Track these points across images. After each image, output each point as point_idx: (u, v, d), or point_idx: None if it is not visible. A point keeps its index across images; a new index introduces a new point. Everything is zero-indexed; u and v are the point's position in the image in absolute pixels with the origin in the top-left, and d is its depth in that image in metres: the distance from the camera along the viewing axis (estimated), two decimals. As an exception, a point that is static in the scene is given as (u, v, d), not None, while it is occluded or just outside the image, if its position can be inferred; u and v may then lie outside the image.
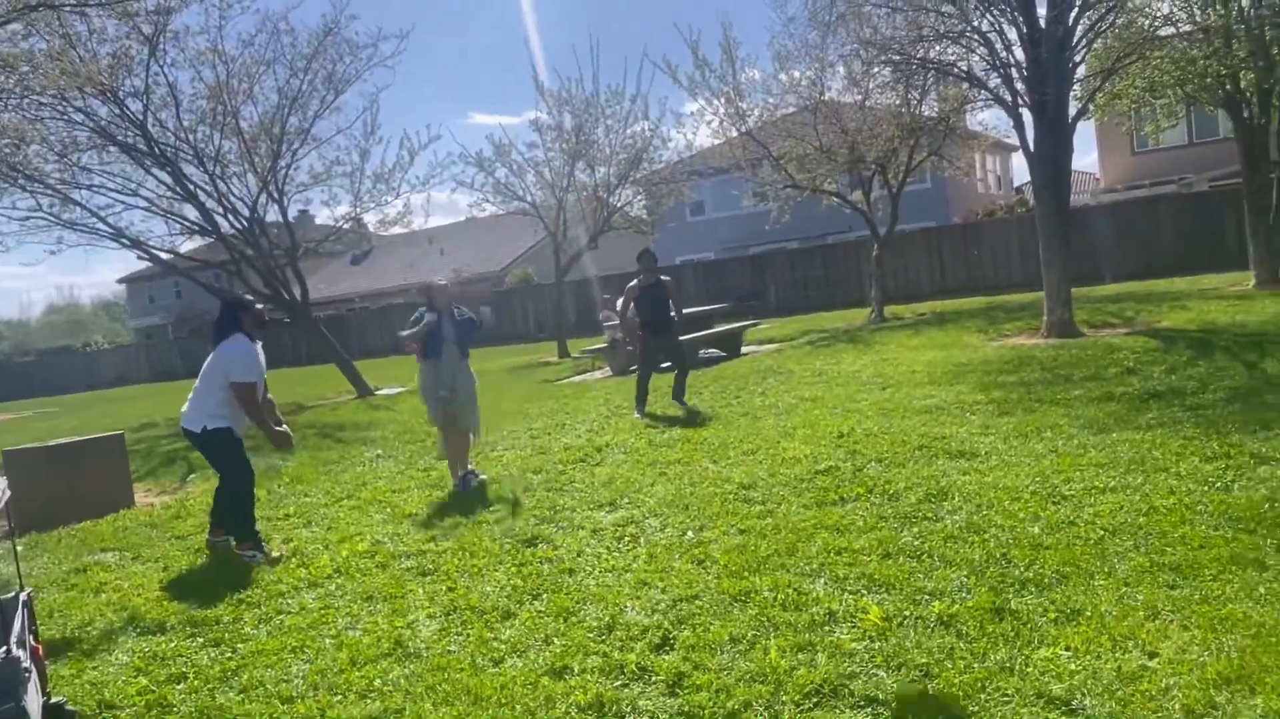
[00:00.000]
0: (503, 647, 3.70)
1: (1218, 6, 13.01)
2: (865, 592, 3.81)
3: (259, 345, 5.66)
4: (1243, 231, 15.09)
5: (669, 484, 6.07)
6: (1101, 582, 3.58)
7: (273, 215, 15.93)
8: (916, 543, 4.30)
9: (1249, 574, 3.47)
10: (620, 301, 9.34)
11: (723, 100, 17.35)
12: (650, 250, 9.36)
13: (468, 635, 3.87)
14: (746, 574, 4.18)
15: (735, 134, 17.96)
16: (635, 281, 9.17)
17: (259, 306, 5.76)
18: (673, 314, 9.15)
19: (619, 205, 20.64)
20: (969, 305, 17.96)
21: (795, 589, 3.93)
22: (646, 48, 68.84)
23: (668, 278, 9.29)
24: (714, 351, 14.82)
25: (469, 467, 7.08)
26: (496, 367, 18.72)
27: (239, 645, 4.07)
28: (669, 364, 9.97)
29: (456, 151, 40.99)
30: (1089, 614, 3.31)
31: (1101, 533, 4.11)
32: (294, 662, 3.82)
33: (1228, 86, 13.52)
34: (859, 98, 16.14)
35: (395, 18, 42.33)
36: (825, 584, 3.95)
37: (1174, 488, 4.59)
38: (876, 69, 14.28)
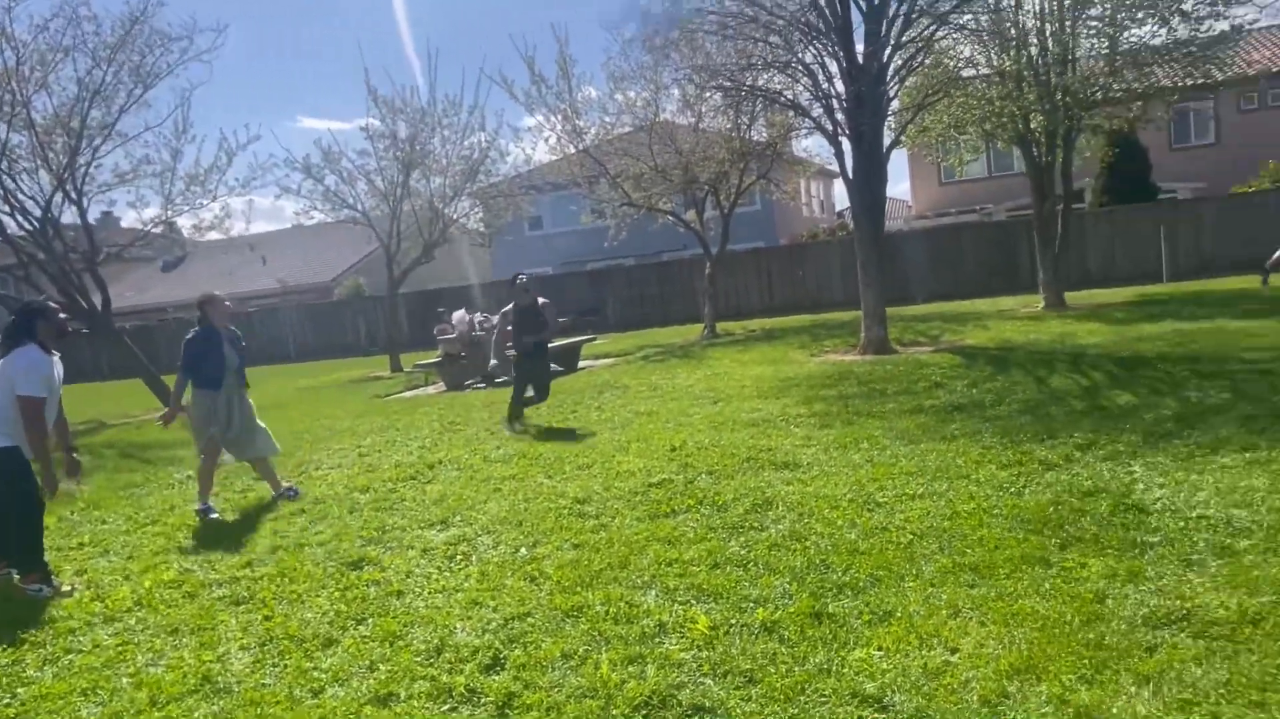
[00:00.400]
0: (323, 676, 3.51)
1: (1011, 53, 14.36)
2: (694, 601, 3.89)
3: (56, 358, 5.13)
4: (1035, 258, 16.66)
5: (503, 500, 5.98)
6: (911, 583, 3.82)
7: (70, 216, 14.56)
8: (743, 552, 4.44)
9: (1036, 572, 3.79)
10: (497, 321, 9.15)
11: (559, 117, 17.44)
12: (523, 274, 9.24)
13: (285, 666, 3.64)
14: (579, 589, 4.18)
15: (573, 151, 18.08)
16: (514, 304, 9.08)
17: (60, 315, 5.23)
18: (546, 337, 9.08)
19: (455, 217, 20.28)
20: (795, 323, 18.84)
21: (627, 602, 3.95)
22: (484, 61, 68.17)
23: (545, 300, 9.25)
24: (552, 367, 14.75)
25: (284, 484, 6.82)
26: (325, 382, 17.87)
27: (19, 690, 3.65)
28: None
29: (281, 155, 38.82)
30: (899, 615, 3.51)
31: (911, 537, 4.39)
32: (84, 705, 3.47)
33: (1020, 126, 14.93)
34: (692, 120, 16.65)
35: (211, 10, 39.91)
36: (656, 596, 4.00)
37: (974, 493, 4.98)
38: (708, 94, 14.79)
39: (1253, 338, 9.41)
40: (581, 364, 14.89)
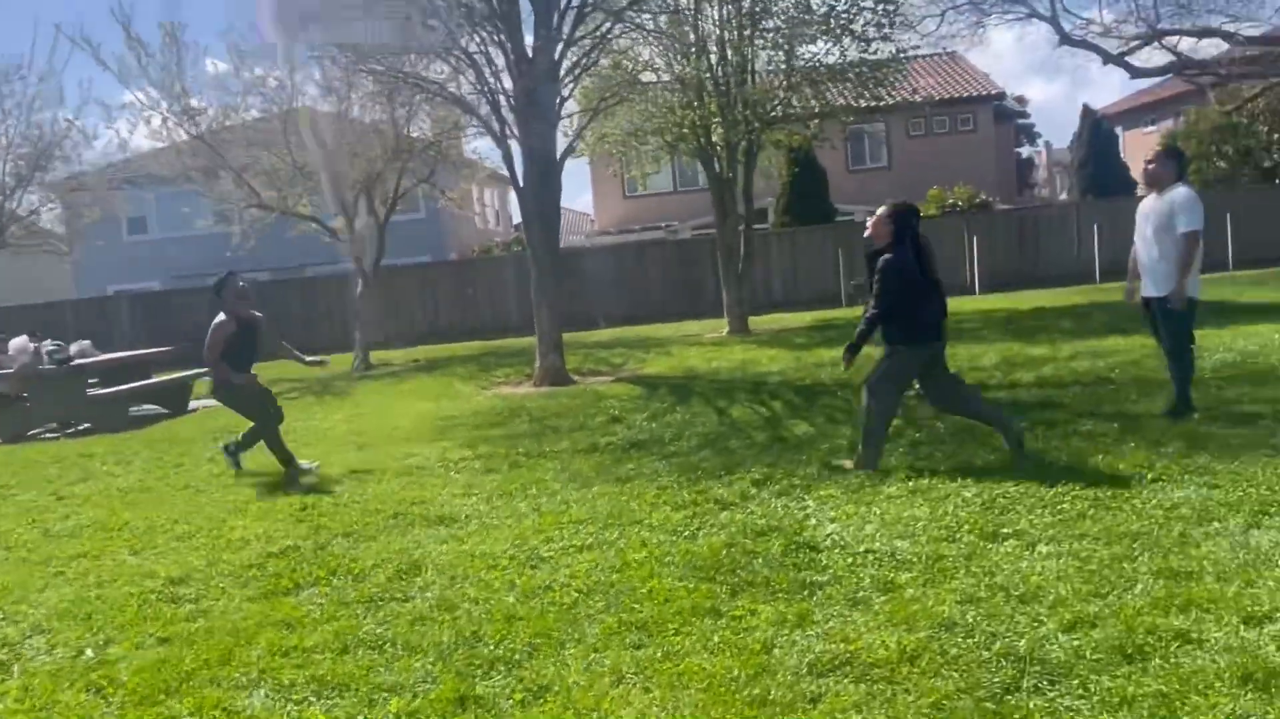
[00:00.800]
0: None
1: (691, 60, 15.54)
2: (314, 699, 3.62)
3: None
4: (719, 280, 18.07)
5: (66, 587, 5.26)
6: (572, 650, 3.83)
7: None
8: (380, 630, 4.22)
9: (706, 624, 3.98)
10: (210, 341, 7.66)
11: (165, 93, 16.01)
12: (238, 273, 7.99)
13: None
14: (162, 697, 3.74)
15: (185, 137, 16.68)
16: (227, 318, 7.71)
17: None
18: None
19: (20, 214, 17.85)
20: (464, 350, 18.81)
21: (225, 708, 3.60)
22: (62, 15, 61.12)
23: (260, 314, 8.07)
24: (151, 408, 13.39)
25: None
26: None
27: None
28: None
29: None
30: (557, 689, 3.50)
31: (576, 595, 4.43)
32: None
33: (701, 139, 16.17)
34: (338, 108, 16.09)
35: None
36: (265, 696, 3.68)
37: (646, 540, 5.16)
38: (356, 77, 14.37)
39: (919, 363, 10.84)
40: (194, 404, 13.64)
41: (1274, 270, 20.08)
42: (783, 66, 15.76)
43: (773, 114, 15.83)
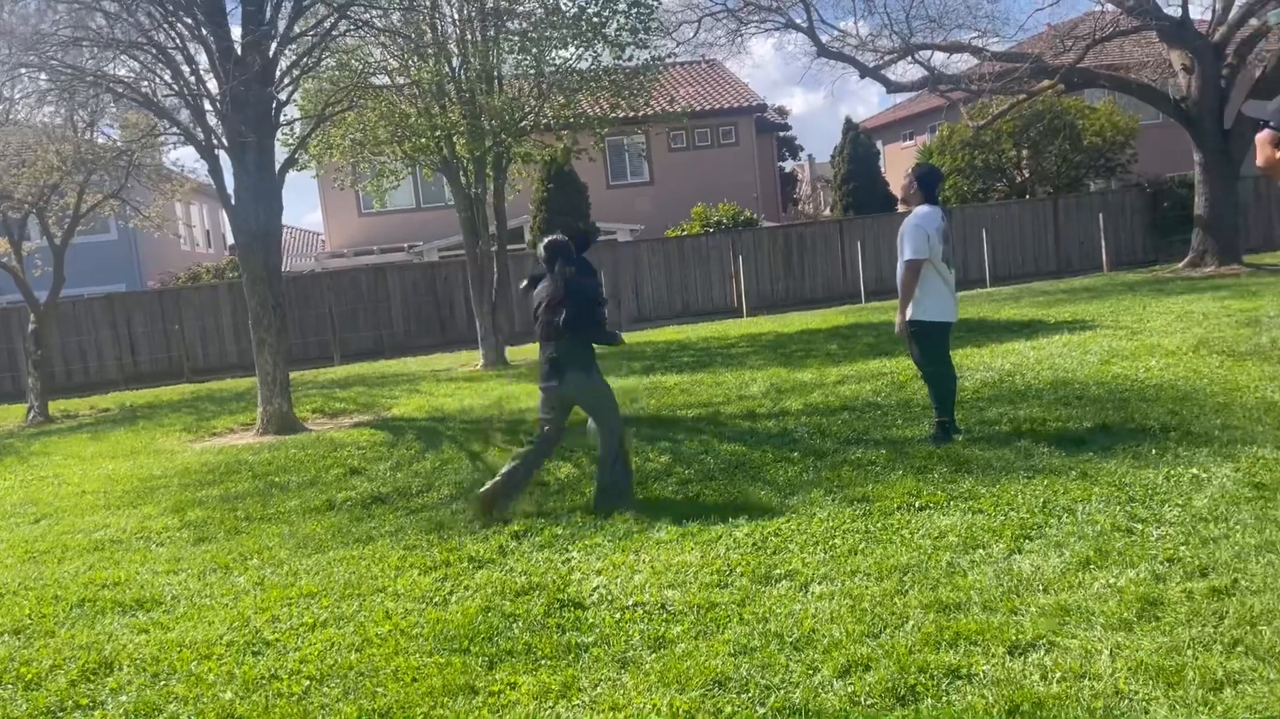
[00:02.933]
0: None
1: (430, 63, 15.41)
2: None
3: None
4: (472, 307, 17.94)
5: None
6: (303, 750, 3.65)
7: None
8: (62, 749, 3.85)
9: (459, 704, 3.90)
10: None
11: None
12: None
13: None
14: None
15: None
16: None
17: None
18: None
19: None
20: (171, 395, 17.70)
21: None
22: None
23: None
24: None
25: None
26: None
27: None
28: None
29: None
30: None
31: (308, 683, 4.23)
32: None
33: (444, 150, 16.04)
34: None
35: None
36: None
37: (390, 611, 5.02)
38: (25, 73, 13.24)
39: (687, 393, 11.21)
40: None
41: (1028, 285, 22.29)
42: (531, 72, 15.95)
43: (522, 124, 15.96)
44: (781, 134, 42.86)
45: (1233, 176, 20.03)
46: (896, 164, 37.25)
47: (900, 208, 6.82)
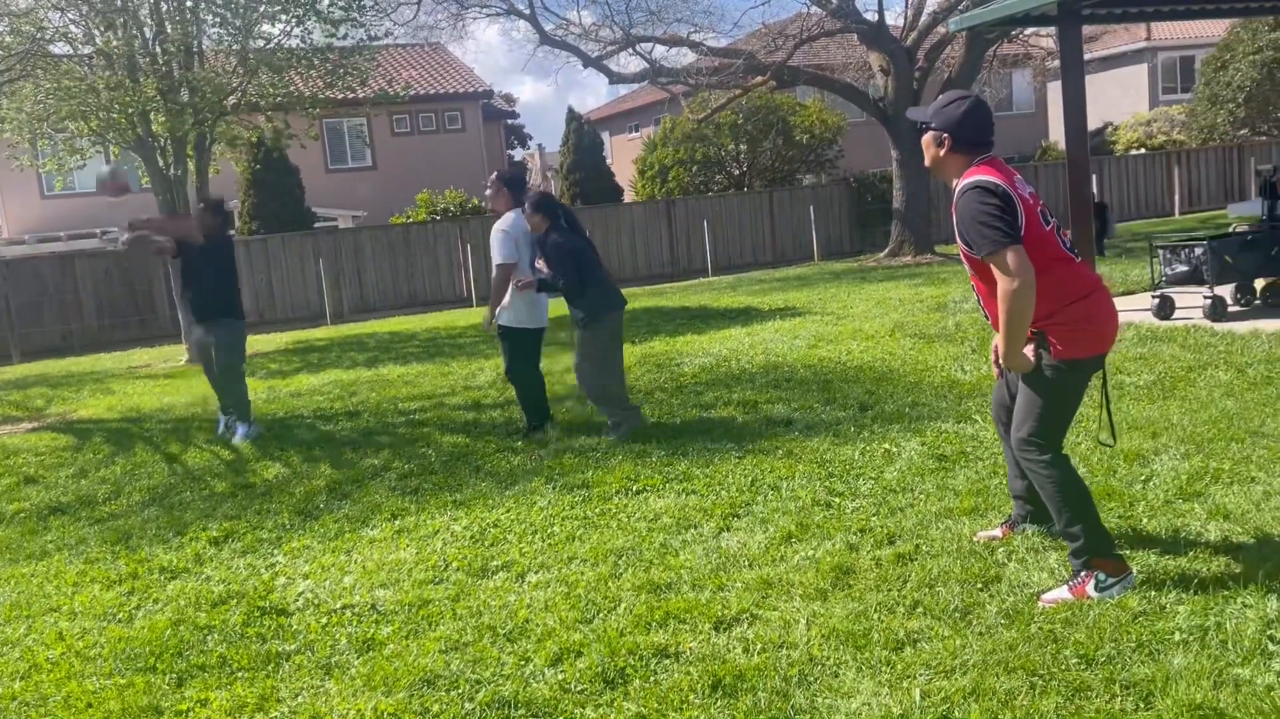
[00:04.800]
0: None
1: (119, 32, 14.26)
2: None
3: None
4: (173, 298, 16.78)
5: None
6: (-49, 795, 3.27)
7: None
8: None
9: (141, 726, 3.62)
10: None
11: None
12: None
13: None
14: None
15: None
16: None
17: None
18: None
19: None
20: None
21: None
22: None
23: None
24: None
25: None
26: None
27: None
28: None
29: None
30: None
31: (-39, 720, 3.80)
32: None
33: (138, 128, 14.90)
34: None
35: None
36: None
37: (64, 632, 4.59)
38: None
39: (411, 385, 10.97)
40: None
41: (747, 275, 23.36)
42: (236, 47, 15.08)
43: (227, 101, 15.08)
44: (510, 122, 42.90)
45: (925, 172, 21.63)
46: (623, 155, 38.10)
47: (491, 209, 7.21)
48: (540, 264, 7.48)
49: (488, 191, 7.94)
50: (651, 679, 3.60)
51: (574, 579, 4.65)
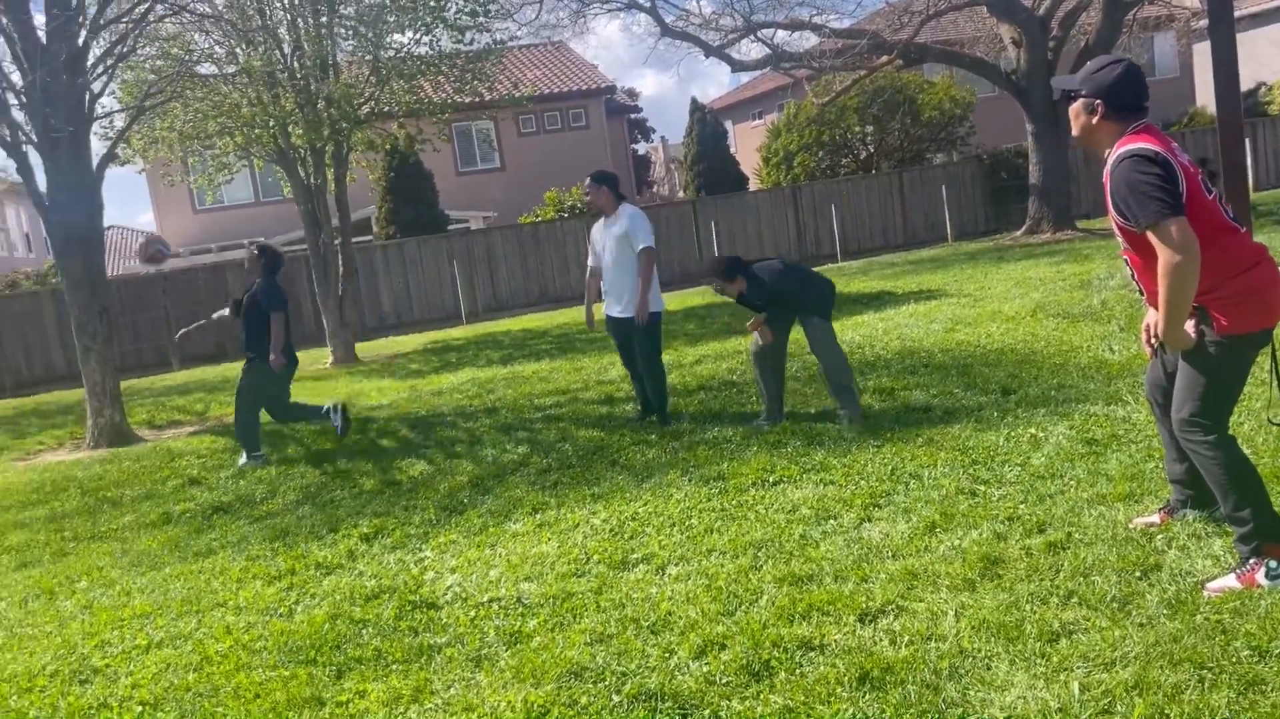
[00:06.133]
0: None
1: (259, 50, 14.86)
2: None
3: None
4: (318, 303, 17.42)
5: None
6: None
7: None
8: None
9: (307, 717, 3.77)
10: None
11: None
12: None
13: None
14: None
15: None
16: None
17: None
18: None
19: None
20: (-8, 412, 16.69)
21: None
22: None
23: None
24: None
25: None
26: None
27: None
28: None
29: None
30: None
31: (140, 709, 4.03)
32: None
33: (279, 140, 15.52)
34: None
35: None
36: None
37: (231, 626, 4.82)
38: None
39: (546, 381, 11.15)
40: None
41: (877, 258, 22.96)
42: (368, 58, 15.55)
43: (361, 111, 15.56)
44: (633, 116, 43.06)
45: (1063, 145, 20.97)
46: (747, 143, 37.88)
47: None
48: None
49: (587, 195, 8.11)
50: (797, 672, 3.58)
51: (714, 571, 4.66)
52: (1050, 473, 5.35)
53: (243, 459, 8.77)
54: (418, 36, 15.66)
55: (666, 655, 3.86)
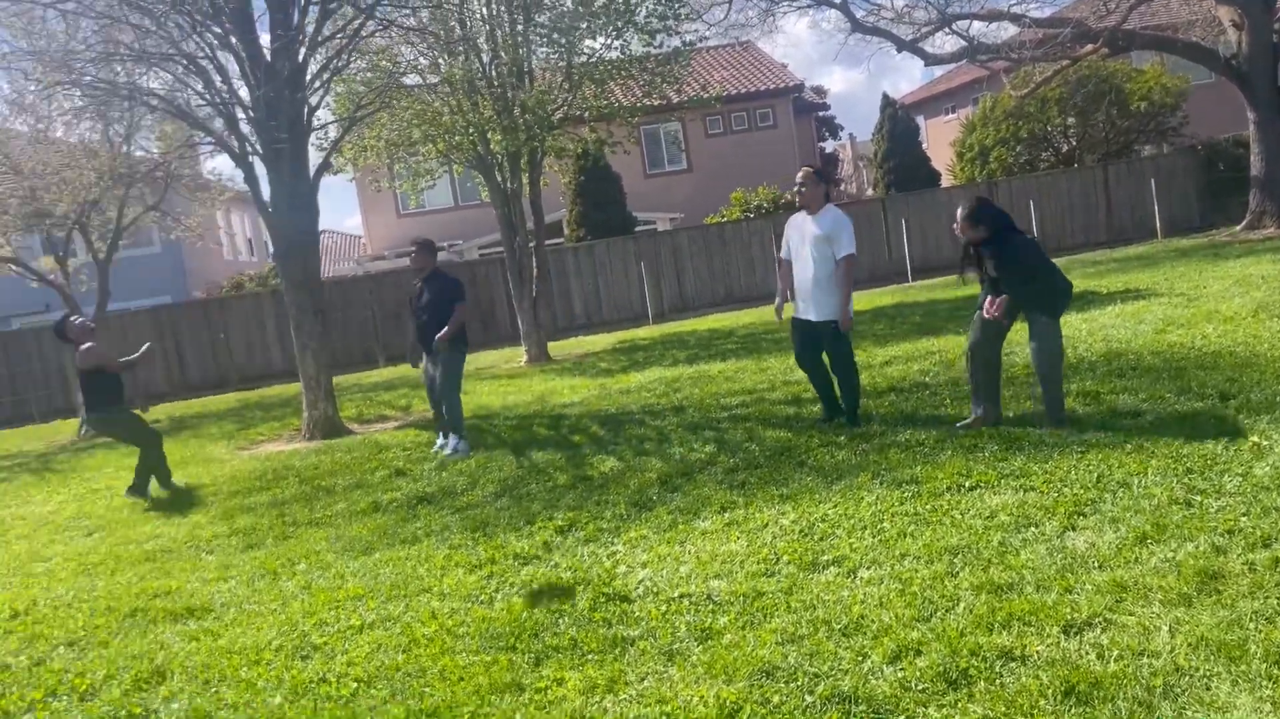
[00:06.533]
0: None
1: (460, 59, 15.48)
2: None
3: None
4: (512, 303, 18.01)
5: None
6: (350, 753, 3.69)
7: None
8: (115, 758, 3.93)
9: (506, 702, 3.92)
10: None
11: None
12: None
13: None
14: None
15: None
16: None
17: None
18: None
19: None
20: (218, 404, 17.95)
21: None
22: None
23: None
24: None
25: None
26: None
27: None
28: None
29: None
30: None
31: (355, 685, 4.27)
32: None
33: (478, 146, 16.10)
34: (37, 127, 15.06)
35: None
36: None
37: (436, 611, 5.05)
38: (62, 91, 13.50)
39: (732, 381, 11.17)
40: None
41: (1079, 256, 21.94)
42: (562, 64, 15.95)
43: (555, 116, 15.98)
44: (821, 114, 42.59)
45: (1291, 134, 19.55)
46: (940, 139, 36.86)
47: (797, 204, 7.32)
48: None
49: (802, 189, 7.84)
50: (996, 681, 3.49)
51: (908, 576, 4.57)
52: (1276, 484, 5.01)
53: (452, 442, 9.21)
54: (609, 41, 15.95)
55: (860, 659, 3.83)
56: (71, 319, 9.81)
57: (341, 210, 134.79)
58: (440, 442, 9.52)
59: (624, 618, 4.62)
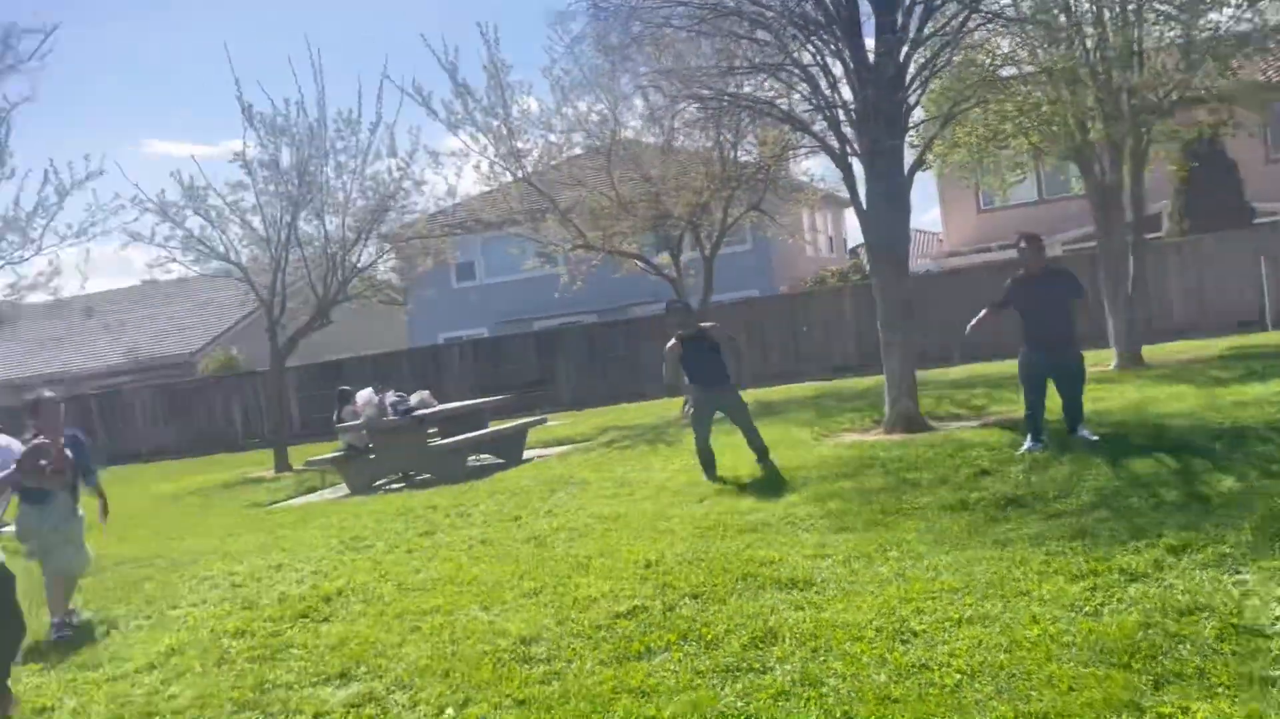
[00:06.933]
0: None
1: (1062, 47, 14.80)
2: (677, 776, 3.79)
3: None
4: (1103, 303, 16.92)
5: (423, 643, 5.87)
6: (961, 741, 3.75)
7: None
8: (740, 704, 4.35)
9: (1124, 719, 3.75)
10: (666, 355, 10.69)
11: (491, 136, 17.63)
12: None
13: None
14: (523, 764, 4.07)
15: (510, 179, 18.26)
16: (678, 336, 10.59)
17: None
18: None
19: (359, 267, 20.29)
20: (799, 392, 18.92)
21: (586, 780, 3.86)
22: (387, 63, 68.62)
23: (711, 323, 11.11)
24: (487, 458, 14.67)
25: (70, 606, 7.42)
26: (188, 486, 17.58)
27: None
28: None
29: (128, 192, 38.78)
30: (947, 785, 3.44)
31: (959, 677, 4.33)
32: None
33: (1076, 138, 15.32)
34: (662, 139, 16.91)
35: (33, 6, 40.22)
36: (626, 770, 3.91)
37: (1037, 615, 4.94)
38: (681, 105, 15.07)
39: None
40: (527, 453, 14.79)
41: None
42: (1179, 42, 14.61)
43: (1167, 100, 14.70)
44: None
45: None
46: None
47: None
48: None
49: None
50: None
51: None
52: None
53: (1026, 443, 9.30)
54: (1238, 12, 14.30)
55: None
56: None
57: (918, 205, 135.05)
58: (1028, 444, 9.30)
59: (1260, 654, 4.20)
